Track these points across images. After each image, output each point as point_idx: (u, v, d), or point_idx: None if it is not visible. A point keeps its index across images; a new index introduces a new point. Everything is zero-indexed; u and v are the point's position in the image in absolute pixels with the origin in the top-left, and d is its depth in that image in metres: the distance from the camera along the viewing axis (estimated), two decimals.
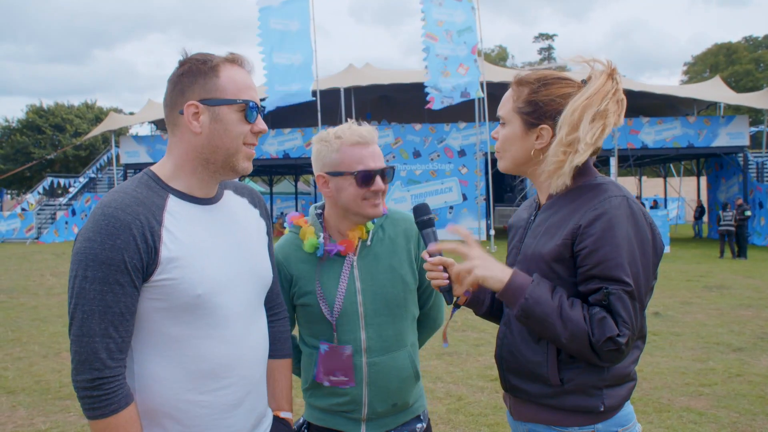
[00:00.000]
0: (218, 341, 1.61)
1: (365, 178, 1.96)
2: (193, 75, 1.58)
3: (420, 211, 1.91)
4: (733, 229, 18.46)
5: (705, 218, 28.53)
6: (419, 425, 2.14)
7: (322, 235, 2.07)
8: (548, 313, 1.58)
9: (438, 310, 2.26)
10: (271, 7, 19.74)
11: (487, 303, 1.94)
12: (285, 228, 2.21)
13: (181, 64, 1.61)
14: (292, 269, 2.08)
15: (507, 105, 1.81)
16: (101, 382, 1.46)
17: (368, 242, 2.07)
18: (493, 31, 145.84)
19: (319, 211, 2.14)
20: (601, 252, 1.57)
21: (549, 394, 1.69)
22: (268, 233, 1.90)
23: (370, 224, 2.09)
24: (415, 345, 2.15)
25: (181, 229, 1.56)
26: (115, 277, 1.46)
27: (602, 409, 1.65)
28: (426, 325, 2.27)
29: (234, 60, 1.63)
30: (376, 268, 2.05)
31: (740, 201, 19.51)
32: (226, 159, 1.61)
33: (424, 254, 1.83)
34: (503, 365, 1.83)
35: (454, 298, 1.82)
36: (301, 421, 2.17)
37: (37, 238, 26.31)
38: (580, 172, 1.73)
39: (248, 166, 1.66)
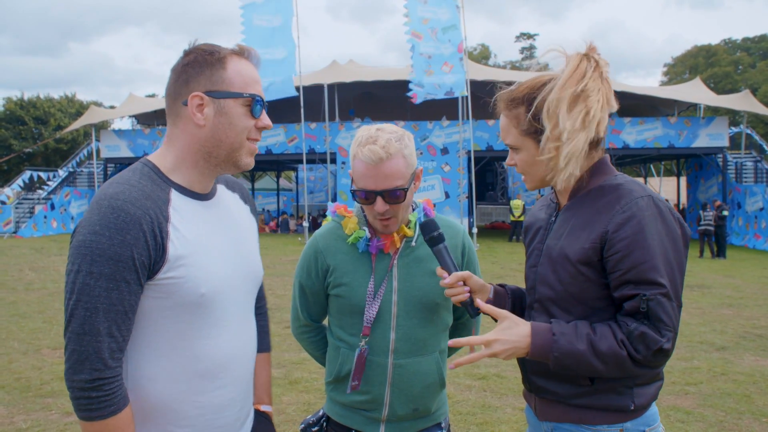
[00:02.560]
0: (215, 341, 1.57)
1: (360, 197, 1.94)
2: (199, 66, 1.53)
3: (427, 228, 1.85)
4: (712, 229, 18.71)
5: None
6: None
7: (366, 229, 2.03)
8: (581, 360, 1.56)
9: (474, 320, 2.22)
10: (254, 4, 19.51)
11: (509, 308, 1.90)
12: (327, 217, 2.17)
13: (187, 53, 1.56)
14: (329, 259, 2.04)
15: (511, 132, 1.74)
16: (101, 383, 1.40)
17: (413, 243, 2.03)
18: (472, 30, 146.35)
19: None
20: (633, 256, 1.54)
21: (579, 394, 1.67)
22: (257, 229, 1.87)
23: (413, 224, 2.04)
24: (444, 353, 2.11)
25: (186, 226, 1.52)
26: (123, 275, 1.40)
27: (632, 407, 1.64)
28: (462, 335, 2.20)
29: (242, 53, 1.58)
30: (416, 270, 2.01)
31: (718, 202, 19.77)
32: (229, 154, 1.57)
33: (440, 272, 1.79)
34: (527, 367, 1.80)
35: (477, 309, 1.76)
36: (321, 413, 2.15)
37: (15, 233, 25.82)
38: (599, 170, 1.70)
39: (250, 162, 1.62)
